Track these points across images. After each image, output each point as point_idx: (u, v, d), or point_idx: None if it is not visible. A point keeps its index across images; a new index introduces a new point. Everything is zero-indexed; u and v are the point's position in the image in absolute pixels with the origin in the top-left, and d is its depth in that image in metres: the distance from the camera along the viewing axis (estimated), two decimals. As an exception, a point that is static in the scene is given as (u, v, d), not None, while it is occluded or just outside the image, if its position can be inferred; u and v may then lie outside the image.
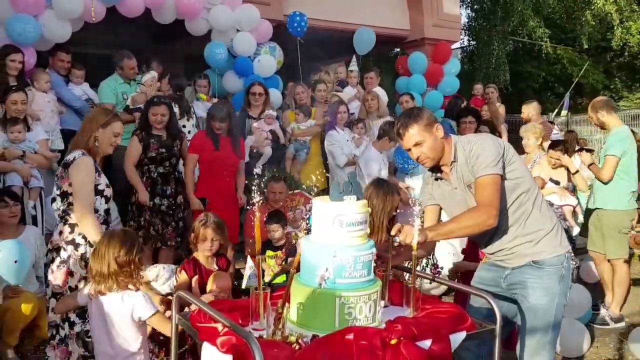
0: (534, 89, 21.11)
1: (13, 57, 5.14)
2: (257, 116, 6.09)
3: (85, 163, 3.20)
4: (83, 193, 3.18)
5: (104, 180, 3.35)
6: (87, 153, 3.25)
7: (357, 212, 2.21)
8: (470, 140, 2.75)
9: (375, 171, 5.65)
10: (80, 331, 3.19)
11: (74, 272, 3.21)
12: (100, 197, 3.31)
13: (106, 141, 3.33)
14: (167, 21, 6.32)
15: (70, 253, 3.21)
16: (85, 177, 3.19)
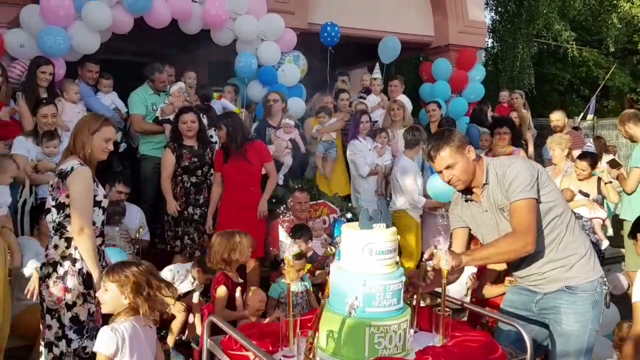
0: (559, 91, 20.79)
1: (44, 69, 5.24)
2: (277, 125, 6.11)
3: (84, 173, 3.09)
4: (82, 205, 3.07)
5: (101, 191, 3.25)
6: (83, 162, 3.14)
7: (387, 241, 2.22)
8: (503, 163, 2.73)
9: (411, 181, 5.65)
10: (77, 347, 3.12)
11: (71, 288, 3.10)
12: (97, 208, 3.19)
13: (98, 147, 3.20)
14: (194, 31, 6.38)
15: (68, 269, 3.11)
16: (85, 189, 3.08)
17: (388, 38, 7.66)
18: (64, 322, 3.10)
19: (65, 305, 3.10)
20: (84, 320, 3.12)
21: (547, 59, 19.78)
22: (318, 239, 5.13)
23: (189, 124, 5.12)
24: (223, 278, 3.58)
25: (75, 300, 3.09)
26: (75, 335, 3.11)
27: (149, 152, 5.84)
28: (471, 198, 2.85)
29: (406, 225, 5.72)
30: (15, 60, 5.59)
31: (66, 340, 3.11)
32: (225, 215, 5.04)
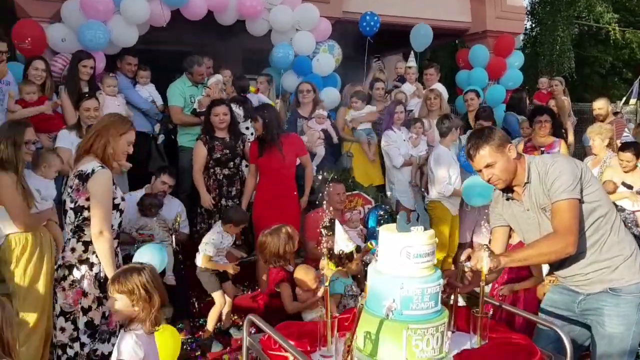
0: (601, 74, 20.21)
1: (85, 63, 5.36)
2: (308, 116, 6.11)
3: (106, 177, 3.09)
4: (103, 209, 3.06)
5: (119, 193, 3.27)
6: (102, 164, 3.14)
7: (425, 244, 2.21)
8: (545, 162, 2.68)
9: (444, 170, 5.60)
10: (89, 351, 3.17)
11: (88, 292, 3.13)
12: (116, 211, 3.20)
13: (120, 150, 3.24)
14: (229, 22, 6.42)
15: (85, 273, 3.13)
16: (106, 193, 3.09)
17: (420, 26, 7.55)
18: (79, 325, 3.15)
19: (81, 309, 3.14)
20: (97, 325, 3.17)
21: (588, 41, 19.23)
22: (354, 230, 5.14)
23: (220, 116, 5.18)
24: (283, 273, 3.59)
25: (90, 304, 3.14)
26: (88, 339, 3.16)
27: (187, 144, 5.91)
28: (512, 197, 2.81)
29: (440, 216, 5.68)
30: (57, 54, 5.74)
31: (79, 344, 3.16)
32: (261, 206, 5.09)
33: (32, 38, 5.53)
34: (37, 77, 5.09)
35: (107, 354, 3.13)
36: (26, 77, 5.16)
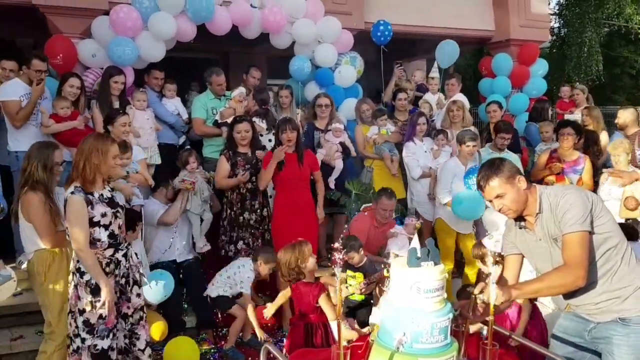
0: (630, 75, 19.85)
1: (116, 79, 5.56)
2: (324, 128, 6.17)
3: (73, 203, 3.44)
4: (75, 231, 3.43)
5: (98, 211, 3.50)
6: (79, 187, 3.46)
7: (435, 279, 2.31)
8: (557, 193, 2.74)
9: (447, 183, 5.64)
10: (90, 345, 3.51)
11: (81, 297, 3.49)
12: (98, 227, 3.51)
13: (110, 165, 3.56)
14: (253, 36, 6.55)
15: (77, 280, 3.49)
16: (77, 217, 3.43)
17: (447, 43, 7.54)
18: (78, 324, 3.54)
19: (78, 310, 3.53)
20: (94, 323, 3.51)
21: (617, 41, 18.91)
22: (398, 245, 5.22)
23: (242, 133, 5.31)
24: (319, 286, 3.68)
25: (84, 307, 3.50)
26: (87, 335, 3.52)
27: (210, 155, 6.07)
28: (525, 225, 2.88)
29: (442, 230, 5.83)
30: (87, 69, 5.95)
31: (80, 339, 3.54)
32: (280, 217, 5.21)
33: (64, 54, 5.75)
34: (71, 94, 5.29)
35: (107, 348, 3.54)
36: (60, 93, 5.38)
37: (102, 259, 3.54)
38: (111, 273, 3.58)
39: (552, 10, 17.47)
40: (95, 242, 3.53)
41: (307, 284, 3.70)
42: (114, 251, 3.61)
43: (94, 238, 3.52)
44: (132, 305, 3.73)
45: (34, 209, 3.78)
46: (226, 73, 10.21)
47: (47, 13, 5.87)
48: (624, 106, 6.99)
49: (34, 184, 3.79)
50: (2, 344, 4.66)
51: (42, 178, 3.79)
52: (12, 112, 5.13)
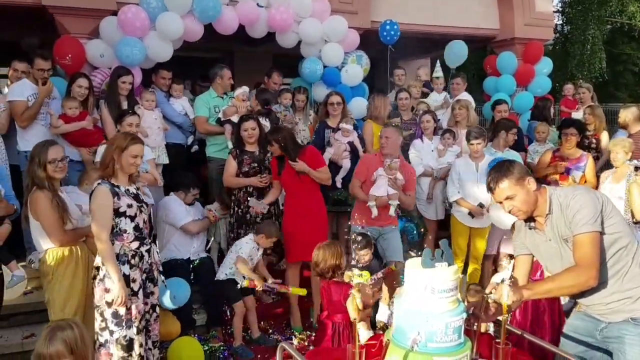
0: (633, 72, 19.88)
1: (124, 79, 5.59)
2: (336, 126, 6.17)
3: (100, 193, 3.57)
4: (98, 222, 3.55)
5: (124, 202, 3.63)
6: (105, 179, 3.61)
7: (449, 280, 2.34)
8: (567, 194, 2.78)
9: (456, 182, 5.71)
10: (119, 337, 3.61)
11: (110, 288, 3.55)
12: (124, 217, 3.62)
13: (126, 163, 3.64)
14: (259, 35, 6.58)
15: (105, 272, 3.56)
16: (101, 207, 3.55)
17: (455, 43, 7.59)
18: (106, 317, 3.61)
19: (106, 303, 3.60)
20: (122, 315, 3.61)
21: (620, 38, 18.92)
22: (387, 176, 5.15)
23: (249, 131, 5.36)
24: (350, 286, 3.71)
25: (113, 298, 3.56)
26: (116, 327, 3.61)
27: (214, 154, 6.12)
28: (534, 226, 2.91)
29: (455, 227, 5.88)
30: (96, 69, 5.99)
31: (109, 331, 3.62)
32: (290, 222, 5.20)
33: (73, 54, 5.79)
34: (80, 94, 5.33)
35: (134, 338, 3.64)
36: (69, 93, 5.42)
37: (128, 251, 3.65)
38: (136, 266, 3.68)
39: (555, 8, 17.47)
40: (122, 233, 3.63)
41: (339, 283, 3.73)
42: (139, 245, 3.71)
43: (120, 229, 3.62)
44: (149, 302, 3.81)
45: (40, 207, 3.83)
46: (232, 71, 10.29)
47: (56, 13, 5.89)
48: (626, 104, 6.98)
49: (39, 183, 3.83)
50: (14, 342, 4.72)
51: (41, 176, 3.82)
52: (18, 112, 5.19)
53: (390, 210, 5.12)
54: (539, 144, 6.83)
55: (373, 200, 5.08)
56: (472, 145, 5.65)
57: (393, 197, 5.10)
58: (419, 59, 10.27)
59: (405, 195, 5.24)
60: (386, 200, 5.09)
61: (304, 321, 5.37)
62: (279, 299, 5.74)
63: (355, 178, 5.31)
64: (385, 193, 5.10)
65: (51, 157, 3.83)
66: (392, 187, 5.10)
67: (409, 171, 5.36)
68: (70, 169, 5.25)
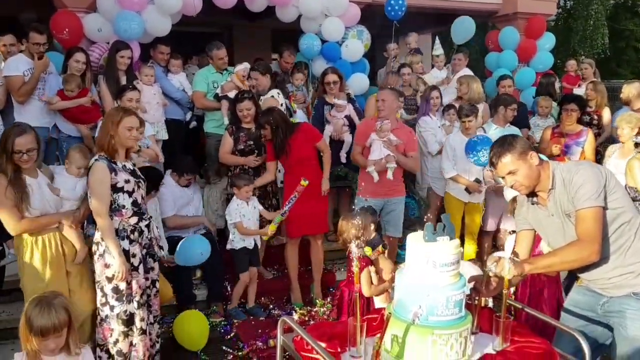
0: (635, 48, 19.68)
1: (122, 54, 5.53)
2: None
3: (98, 169, 3.56)
4: (96, 198, 3.56)
5: (122, 177, 3.63)
6: (103, 156, 3.60)
7: (450, 254, 2.33)
8: (570, 169, 2.76)
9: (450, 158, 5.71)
10: (119, 312, 3.64)
11: (110, 264, 3.59)
12: (122, 193, 3.63)
13: (123, 136, 3.61)
14: (259, 9, 6.49)
15: (105, 247, 3.59)
16: (99, 182, 3.55)
17: (464, 19, 7.51)
18: (107, 292, 3.64)
19: (106, 278, 3.63)
20: (123, 289, 3.63)
21: (623, 14, 18.70)
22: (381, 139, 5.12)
23: (244, 111, 5.34)
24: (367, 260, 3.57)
25: (113, 273, 3.59)
26: (117, 302, 3.64)
27: (212, 130, 6.08)
28: (537, 201, 2.90)
29: (449, 203, 5.88)
30: (93, 43, 5.92)
31: (109, 307, 3.65)
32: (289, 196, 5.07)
33: (70, 29, 5.72)
34: (77, 69, 5.27)
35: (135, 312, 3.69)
36: (66, 68, 5.36)
37: (127, 226, 3.66)
38: (135, 241, 3.69)
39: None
40: (120, 209, 3.64)
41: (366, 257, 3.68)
42: (138, 220, 3.72)
43: (118, 204, 3.63)
44: (149, 277, 3.82)
45: None
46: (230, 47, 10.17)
47: (53, -13, 5.81)
48: (628, 80, 6.93)
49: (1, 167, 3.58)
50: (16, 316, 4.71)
51: (2, 162, 3.56)
52: (14, 87, 5.12)
53: (388, 174, 5.06)
54: (540, 117, 6.81)
55: (372, 165, 5.06)
56: (464, 122, 5.69)
57: (389, 159, 5.05)
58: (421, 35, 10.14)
59: (406, 158, 5.19)
60: (384, 164, 5.04)
61: (304, 297, 5.39)
62: (279, 275, 5.76)
63: (356, 145, 5.32)
64: (382, 156, 5.06)
65: (16, 148, 3.54)
66: (388, 148, 5.06)
67: (406, 132, 5.29)
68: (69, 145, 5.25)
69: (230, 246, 5.04)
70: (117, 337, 3.66)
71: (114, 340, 3.66)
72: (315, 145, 5.22)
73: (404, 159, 5.17)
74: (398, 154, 5.11)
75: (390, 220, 5.25)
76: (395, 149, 5.11)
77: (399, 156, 5.10)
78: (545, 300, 3.86)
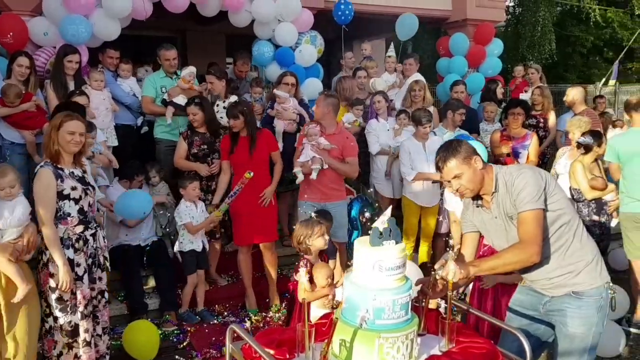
0: (581, 53, 20.41)
1: (70, 58, 5.40)
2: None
3: (43, 175, 3.48)
4: (41, 205, 3.46)
5: (68, 184, 3.54)
6: (49, 162, 3.52)
7: (396, 257, 2.37)
8: (511, 172, 2.84)
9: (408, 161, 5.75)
10: (63, 323, 3.56)
11: (54, 273, 3.51)
12: (68, 200, 3.54)
13: (64, 141, 3.52)
14: (211, 14, 6.45)
15: (49, 256, 3.51)
16: (43, 189, 3.46)
17: (406, 16, 7.60)
18: (50, 302, 3.56)
19: (49, 288, 3.55)
20: (66, 300, 3.57)
21: (569, 20, 19.38)
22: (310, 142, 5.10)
23: (190, 116, 5.30)
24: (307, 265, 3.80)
25: (57, 283, 3.51)
26: (60, 313, 3.56)
27: (161, 135, 6.00)
28: (482, 204, 2.97)
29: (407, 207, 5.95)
30: (39, 48, 5.75)
31: (53, 317, 3.57)
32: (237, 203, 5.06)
33: (14, 32, 5.56)
34: (20, 74, 5.12)
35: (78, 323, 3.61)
36: (9, 72, 5.19)
37: (72, 235, 3.57)
38: (80, 250, 3.61)
39: (508, -8, 17.77)
40: (66, 216, 3.55)
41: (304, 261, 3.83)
42: (83, 228, 3.64)
43: (64, 212, 3.55)
44: (95, 287, 3.73)
45: None
46: (184, 51, 10.06)
47: (-5, -11, 5.63)
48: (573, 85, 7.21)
49: None
50: None
51: None
52: None
53: (312, 174, 5.00)
54: (487, 123, 7.00)
55: (298, 166, 5.06)
56: (425, 127, 5.75)
57: (315, 161, 5.00)
58: (373, 40, 10.27)
59: (342, 163, 5.11)
60: (309, 166, 5.01)
61: (260, 303, 5.36)
62: (234, 282, 5.72)
63: (297, 148, 5.26)
64: (308, 158, 5.04)
65: None
66: (317, 153, 5.01)
67: (343, 137, 5.18)
68: (12, 153, 5.12)
69: (178, 248, 5.03)
70: (61, 350, 3.58)
71: (57, 353, 3.58)
72: (271, 153, 5.20)
73: (338, 163, 5.07)
74: (330, 158, 5.02)
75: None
76: (327, 153, 5.04)
77: (331, 160, 5.01)
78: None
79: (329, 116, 5.13)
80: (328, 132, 5.07)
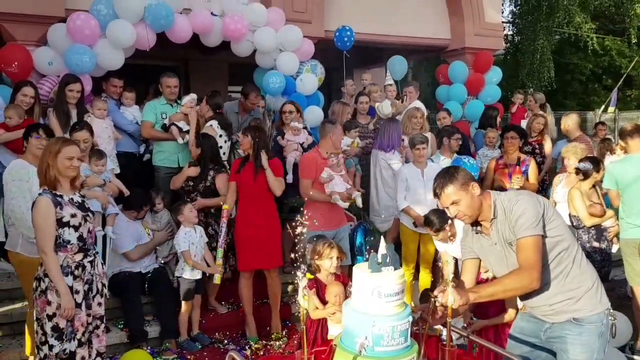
0: (580, 81, 20.52)
1: (72, 87, 5.47)
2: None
3: (41, 204, 3.47)
4: (40, 234, 3.46)
5: (68, 212, 3.52)
6: (47, 190, 3.50)
7: (395, 284, 2.38)
8: (510, 199, 2.85)
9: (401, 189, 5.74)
10: (58, 351, 3.52)
11: (51, 301, 3.50)
12: (67, 228, 3.53)
13: (62, 167, 3.51)
14: (214, 44, 6.54)
15: (47, 284, 3.50)
16: (42, 218, 3.45)
17: (395, 59, 7.87)
18: (46, 330, 3.53)
19: (47, 316, 3.52)
20: (63, 327, 3.53)
21: (568, 48, 19.53)
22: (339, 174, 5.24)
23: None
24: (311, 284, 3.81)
25: (54, 311, 3.51)
26: (56, 341, 3.53)
27: (160, 163, 6.08)
28: (481, 230, 2.98)
29: (403, 233, 5.92)
30: (43, 77, 5.84)
31: (48, 346, 3.53)
32: (241, 226, 5.11)
33: (19, 62, 5.64)
34: (24, 103, 5.18)
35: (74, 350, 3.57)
36: (14, 102, 5.26)
37: (71, 263, 3.56)
38: (79, 277, 3.60)
39: (506, 19, 18.00)
40: (65, 244, 3.54)
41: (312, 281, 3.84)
42: (83, 256, 3.63)
43: (63, 240, 3.53)
44: (92, 313, 3.71)
45: None
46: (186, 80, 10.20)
47: (2, 20, 5.74)
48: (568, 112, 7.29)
49: None
50: None
51: None
52: None
53: (358, 201, 5.28)
54: (488, 148, 7.05)
55: (336, 195, 5.09)
56: (418, 149, 5.71)
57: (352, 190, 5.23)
58: (372, 68, 10.41)
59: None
60: (346, 196, 5.13)
61: (260, 330, 5.32)
62: (234, 309, 5.69)
63: (306, 179, 5.15)
64: (344, 189, 5.15)
65: None
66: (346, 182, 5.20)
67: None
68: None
69: (179, 274, 5.04)
70: None
71: None
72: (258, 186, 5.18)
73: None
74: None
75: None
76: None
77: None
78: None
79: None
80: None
